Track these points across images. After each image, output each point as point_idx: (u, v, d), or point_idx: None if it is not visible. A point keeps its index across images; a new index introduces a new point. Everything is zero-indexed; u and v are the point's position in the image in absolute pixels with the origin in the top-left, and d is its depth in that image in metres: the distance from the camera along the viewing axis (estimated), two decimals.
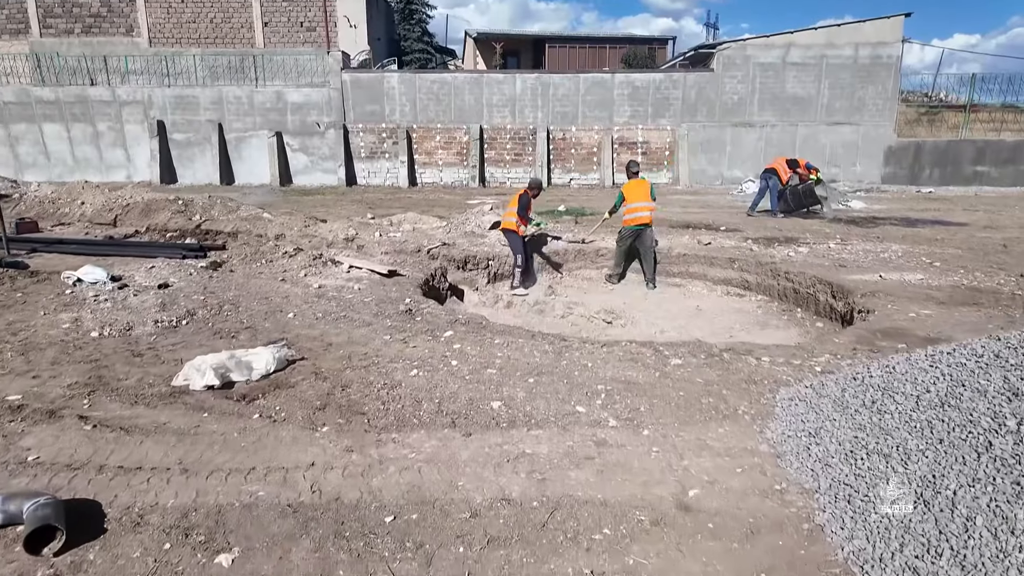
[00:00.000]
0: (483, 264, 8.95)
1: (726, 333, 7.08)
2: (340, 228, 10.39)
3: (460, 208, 15.39)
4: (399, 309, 6.03)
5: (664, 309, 8.05)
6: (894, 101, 21.04)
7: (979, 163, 21.09)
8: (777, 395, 3.99)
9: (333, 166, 21.07)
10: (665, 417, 3.72)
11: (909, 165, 21.23)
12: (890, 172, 21.24)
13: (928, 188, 20.26)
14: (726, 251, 9.25)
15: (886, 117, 21.05)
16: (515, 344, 5.03)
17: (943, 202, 16.81)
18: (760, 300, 8.34)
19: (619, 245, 9.08)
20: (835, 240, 10.16)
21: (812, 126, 21.05)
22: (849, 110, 20.94)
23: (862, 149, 21.11)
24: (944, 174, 21.09)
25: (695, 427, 3.60)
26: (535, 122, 21.01)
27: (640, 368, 4.50)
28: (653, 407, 3.85)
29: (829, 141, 21.10)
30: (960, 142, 21.33)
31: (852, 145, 21.10)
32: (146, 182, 20.83)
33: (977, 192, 19.65)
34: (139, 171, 21.21)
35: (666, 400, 3.95)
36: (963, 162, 21.14)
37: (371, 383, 4.24)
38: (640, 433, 3.52)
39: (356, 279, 7.26)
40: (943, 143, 21.30)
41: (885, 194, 19.09)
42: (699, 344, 5.02)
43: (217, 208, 12.84)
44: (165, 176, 20.88)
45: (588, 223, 12.12)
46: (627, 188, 8.97)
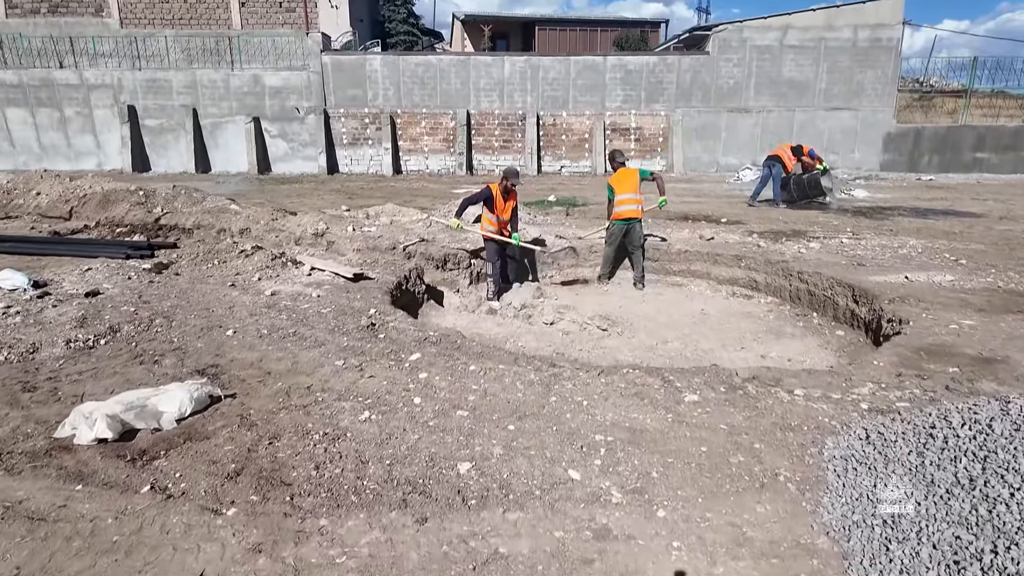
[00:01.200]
0: (464, 263, 7.98)
1: (737, 343, 6.17)
2: (310, 222, 9.38)
3: (445, 198, 14.40)
4: (360, 324, 5.06)
5: (665, 313, 7.13)
6: (894, 86, 20.11)
7: (979, 150, 20.23)
8: (824, 450, 3.08)
9: (314, 153, 19.93)
10: (685, 487, 2.80)
11: (908, 152, 20.35)
12: (889, 159, 20.36)
13: (928, 176, 19.40)
14: (731, 247, 8.33)
15: (885, 102, 20.12)
16: (494, 372, 4.09)
17: (947, 191, 15.95)
18: (770, 303, 7.43)
19: (609, 244, 8.15)
20: (847, 234, 9.26)
21: (810, 111, 20.10)
22: (848, 95, 19.99)
23: (861, 135, 20.20)
24: (943, 161, 20.23)
25: (725, 503, 2.69)
26: (524, 107, 19.93)
27: (648, 407, 3.58)
28: (668, 470, 2.93)
29: (827, 127, 20.16)
30: (960, 128, 20.45)
31: (851, 131, 20.18)
32: (117, 170, 19.68)
33: (979, 180, 18.81)
34: (110, 159, 20.00)
35: (685, 459, 3.03)
36: (963, 149, 20.27)
37: (308, 433, 3.29)
38: (654, 515, 2.60)
39: (316, 284, 6.28)
40: (943, 129, 20.42)
41: (884, 182, 18.22)
42: (716, 372, 4.09)
43: (181, 199, 11.81)
44: (137, 164, 19.69)
45: (580, 215, 11.16)
46: (615, 180, 8.03)
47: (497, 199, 7.60)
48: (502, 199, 7.62)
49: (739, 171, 18.67)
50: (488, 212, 7.69)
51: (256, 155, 19.71)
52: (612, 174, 8.14)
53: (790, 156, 12.59)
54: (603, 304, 7.45)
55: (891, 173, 19.84)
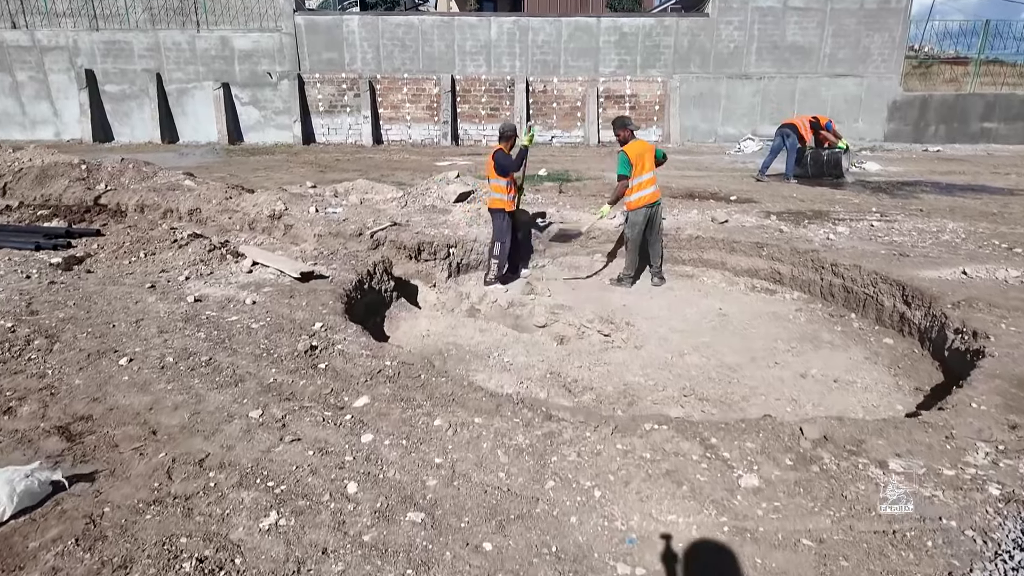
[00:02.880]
0: (442, 252, 6.73)
1: (768, 355, 5.01)
2: (267, 202, 8.07)
3: (427, 171, 13.05)
4: (297, 347, 3.83)
5: (677, 314, 5.95)
6: (902, 51, 18.73)
7: (987, 119, 18.99)
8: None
9: (287, 121, 18.34)
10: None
11: (914, 121, 19.07)
12: (893, 129, 19.09)
13: (935, 147, 18.16)
14: (749, 232, 7.12)
15: (892, 68, 18.75)
16: (467, 431, 2.90)
17: (960, 163, 14.77)
18: (798, 300, 6.27)
19: (631, 237, 6.62)
20: (874, 215, 8.07)
21: (813, 78, 18.71)
22: (853, 60, 18.59)
23: (865, 104, 18.87)
24: (950, 131, 18.99)
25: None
26: (513, 72, 18.38)
27: (689, 500, 2.41)
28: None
29: (831, 95, 18.80)
30: (969, 96, 19.16)
31: (855, 99, 18.84)
32: (76, 140, 18.06)
33: (987, 151, 17.64)
34: (68, 128, 18.32)
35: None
36: (971, 118, 19.02)
37: (177, 557, 2.10)
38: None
39: (256, 285, 5.03)
40: (951, 97, 19.13)
41: (891, 153, 17.00)
42: (773, 430, 2.92)
43: (128, 174, 10.41)
44: (98, 134, 18.04)
45: (574, 193, 9.88)
46: (633, 151, 6.44)
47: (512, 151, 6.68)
48: None
49: (740, 141, 17.35)
50: (500, 181, 6.50)
51: (226, 124, 18.10)
52: (625, 144, 6.49)
53: (807, 128, 11.29)
54: (603, 302, 6.25)
55: (896, 144, 18.61)
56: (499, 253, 6.56)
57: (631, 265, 6.73)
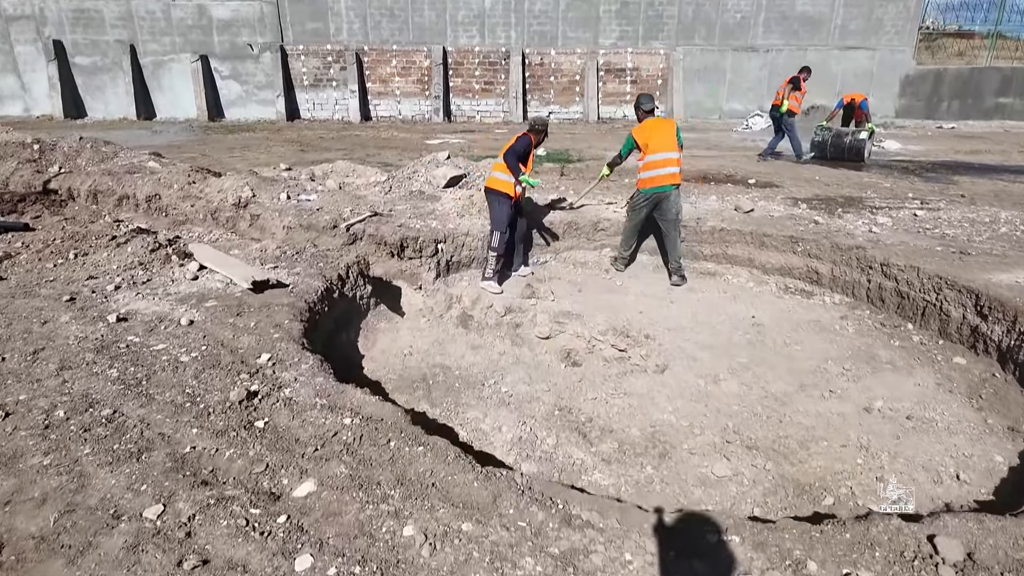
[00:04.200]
0: (429, 248, 5.74)
1: (820, 381, 4.10)
2: (233, 187, 7.06)
3: (417, 150, 11.99)
4: (230, 397, 2.87)
5: (704, 323, 5.01)
6: (916, 22, 17.57)
7: (1003, 94, 17.92)
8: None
9: (270, 96, 17.11)
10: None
11: (927, 96, 17.99)
12: (905, 104, 18.01)
13: (949, 123, 17.17)
14: (778, 223, 6.15)
15: (905, 41, 17.61)
16: (451, 546, 1.97)
17: (980, 141, 13.79)
18: (840, 303, 5.34)
19: (630, 217, 5.91)
20: (911, 202, 7.13)
21: (823, 51, 17.56)
22: (865, 32, 17.44)
23: (877, 78, 17.75)
24: (964, 107, 17.92)
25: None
26: (508, 43, 17.15)
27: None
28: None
29: (841, 69, 17.67)
30: (985, 70, 18.06)
31: (866, 73, 17.71)
32: (47, 116, 16.82)
33: (1003, 127, 16.66)
34: (38, 103, 17.05)
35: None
36: (985, 93, 17.95)
37: None
38: None
39: (199, 296, 4.05)
40: (966, 71, 18.03)
41: (904, 130, 16.02)
42: (894, 545, 2.00)
43: (86, 155, 9.36)
44: (70, 109, 16.78)
45: (577, 175, 8.88)
46: (643, 131, 5.66)
47: (531, 154, 5.80)
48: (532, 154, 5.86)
49: (747, 118, 16.28)
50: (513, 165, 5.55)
51: (206, 99, 16.86)
52: (643, 122, 5.74)
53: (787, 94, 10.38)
54: (615, 307, 5.31)
55: (907, 120, 17.57)
56: (496, 244, 5.57)
57: (625, 243, 6.08)
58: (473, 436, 3.43)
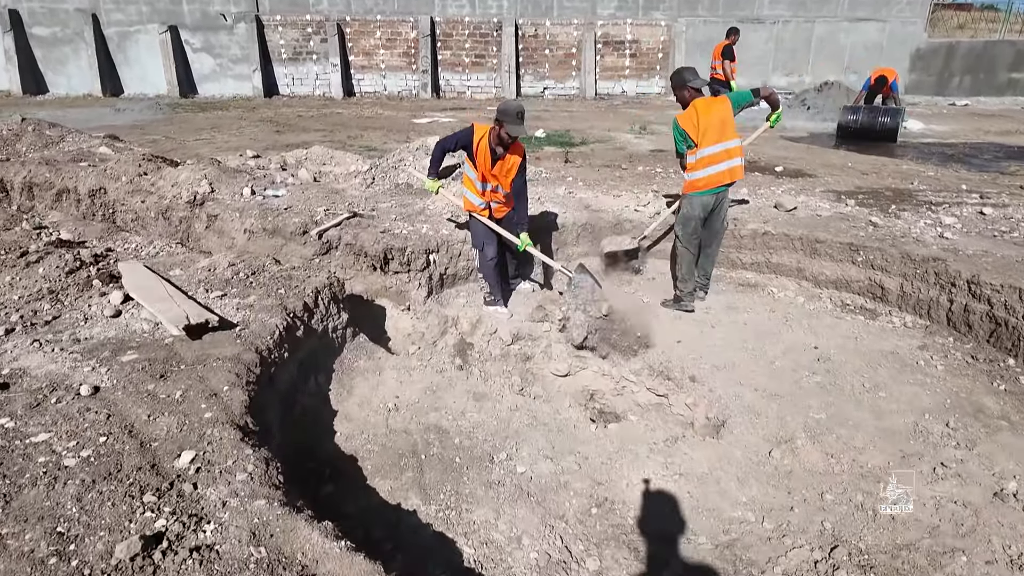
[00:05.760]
0: (419, 260, 4.68)
1: (925, 445, 3.13)
2: (188, 181, 5.94)
3: (404, 131, 10.84)
4: (116, 553, 1.85)
5: (759, 356, 4.02)
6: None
7: (1016, 69, 16.89)
8: None
9: (246, 71, 15.71)
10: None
11: (938, 72, 16.92)
12: (915, 80, 16.93)
13: (962, 100, 16.15)
14: (829, 226, 5.14)
15: (917, 12, 16.47)
16: None
17: (1003, 119, 12.81)
18: (912, 326, 4.38)
19: (682, 235, 4.54)
20: (971, 196, 6.13)
21: (832, 23, 16.41)
22: (876, 3, 16.28)
23: (887, 52, 16.61)
24: (976, 82, 16.88)
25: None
26: (500, 13, 15.81)
27: None
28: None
29: (849, 42, 16.56)
30: (999, 43, 16.98)
31: (876, 47, 16.59)
32: (4, 92, 15.34)
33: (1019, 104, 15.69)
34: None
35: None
36: (998, 68, 16.89)
37: None
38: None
39: (116, 345, 3.00)
40: (979, 45, 16.94)
41: (917, 108, 14.94)
42: None
43: (28, 139, 8.20)
44: (29, 84, 15.31)
45: (584, 162, 7.79)
46: (692, 117, 4.25)
47: (480, 152, 4.06)
48: (489, 154, 4.05)
49: None
50: (470, 169, 4.33)
51: (176, 73, 15.44)
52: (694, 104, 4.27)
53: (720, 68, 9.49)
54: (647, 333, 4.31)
55: (918, 97, 16.51)
56: (480, 264, 4.54)
57: (687, 276, 4.65)
58: (483, 554, 2.45)
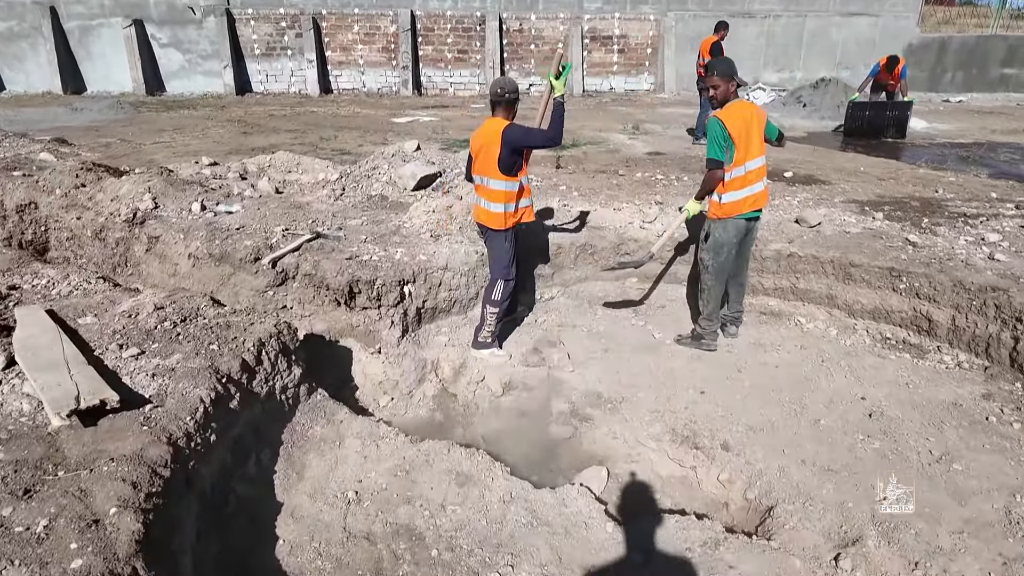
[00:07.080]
0: (392, 294, 3.91)
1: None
2: (130, 195, 5.11)
3: (382, 131, 10.02)
4: None
5: (799, 413, 3.31)
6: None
7: (1008, 65, 16.40)
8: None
9: (217, 67, 14.71)
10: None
11: (930, 67, 16.38)
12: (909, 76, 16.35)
13: (956, 96, 15.65)
14: (862, 244, 4.45)
15: (911, 6, 15.91)
16: None
17: (1002, 117, 12.28)
18: (968, 367, 3.69)
19: (712, 265, 3.76)
20: (1004, 205, 5.49)
21: (824, 17, 15.78)
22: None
23: (879, 47, 15.96)
24: (968, 78, 16.38)
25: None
26: (483, 6, 14.96)
27: None
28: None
29: (841, 37, 15.96)
30: (991, 38, 16.48)
31: (868, 42, 16.00)
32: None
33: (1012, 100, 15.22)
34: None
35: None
36: (990, 64, 16.41)
37: None
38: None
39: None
40: (972, 40, 16.41)
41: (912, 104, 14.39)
42: None
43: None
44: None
45: (577, 167, 7.04)
46: (734, 120, 3.44)
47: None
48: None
49: (748, 92, 14.48)
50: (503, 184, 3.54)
51: (142, 70, 14.40)
52: (724, 107, 3.50)
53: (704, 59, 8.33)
54: (662, 379, 3.59)
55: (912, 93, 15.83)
56: (498, 296, 3.73)
57: (713, 313, 3.92)
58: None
